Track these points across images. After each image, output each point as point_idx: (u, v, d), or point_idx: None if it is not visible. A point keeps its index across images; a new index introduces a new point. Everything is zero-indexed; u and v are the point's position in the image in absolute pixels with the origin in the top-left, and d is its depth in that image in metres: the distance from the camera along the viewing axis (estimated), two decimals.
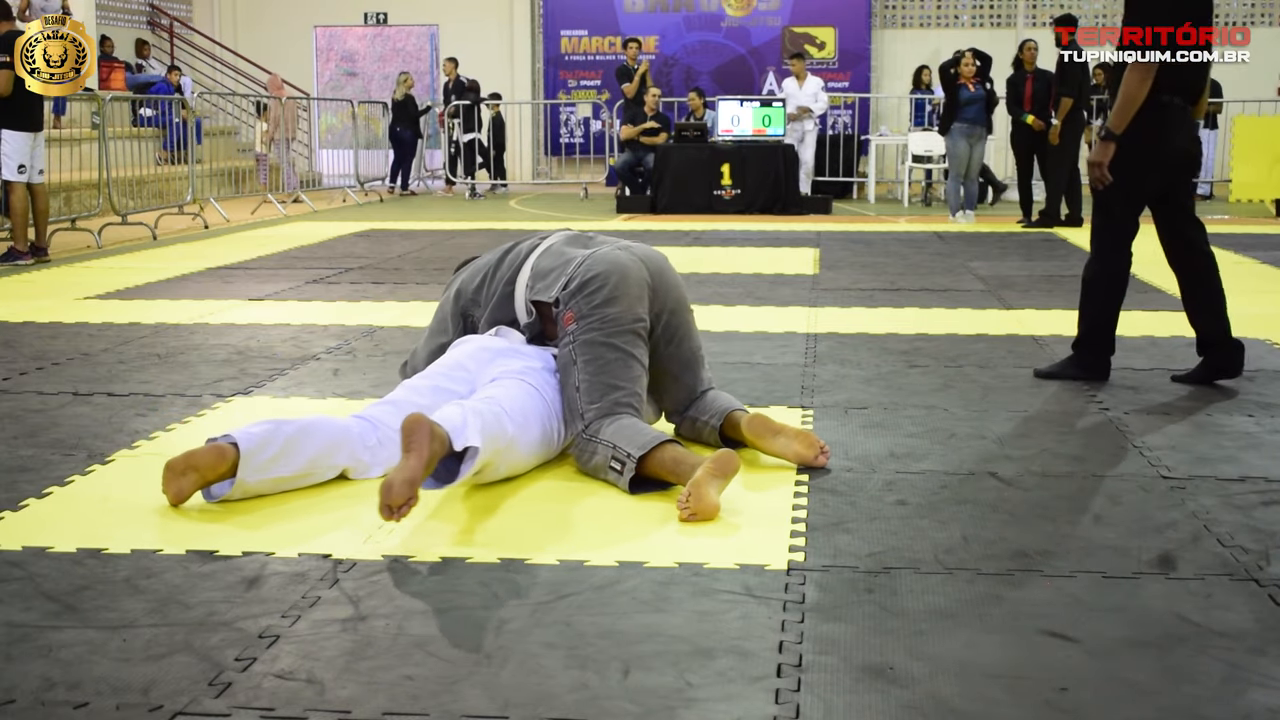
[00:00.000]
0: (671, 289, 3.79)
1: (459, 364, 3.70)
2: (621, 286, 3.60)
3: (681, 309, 3.83)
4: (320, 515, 3.20)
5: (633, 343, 3.60)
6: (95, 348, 5.48)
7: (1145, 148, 4.56)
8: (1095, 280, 4.76)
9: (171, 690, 2.21)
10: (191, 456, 3.23)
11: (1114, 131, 4.55)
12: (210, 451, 3.24)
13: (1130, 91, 4.50)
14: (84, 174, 11.57)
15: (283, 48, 18.67)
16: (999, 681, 2.26)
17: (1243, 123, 13.40)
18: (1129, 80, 4.50)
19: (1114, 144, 4.55)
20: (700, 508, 3.13)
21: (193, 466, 3.22)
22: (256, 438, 3.28)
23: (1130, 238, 4.72)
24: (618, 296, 3.59)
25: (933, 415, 4.26)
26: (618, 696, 2.19)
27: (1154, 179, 4.63)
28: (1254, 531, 3.08)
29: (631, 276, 3.65)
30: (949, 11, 18.17)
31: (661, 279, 3.76)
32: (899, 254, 9.28)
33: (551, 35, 18.37)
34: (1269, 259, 8.85)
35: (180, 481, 3.22)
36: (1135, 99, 4.50)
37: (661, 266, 3.80)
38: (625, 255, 3.72)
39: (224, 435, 3.30)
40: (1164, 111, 4.56)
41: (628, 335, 3.59)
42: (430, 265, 8.59)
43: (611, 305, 3.57)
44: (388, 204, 14.98)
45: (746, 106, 13.56)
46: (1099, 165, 4.57)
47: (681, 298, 3.84)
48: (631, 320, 3.60)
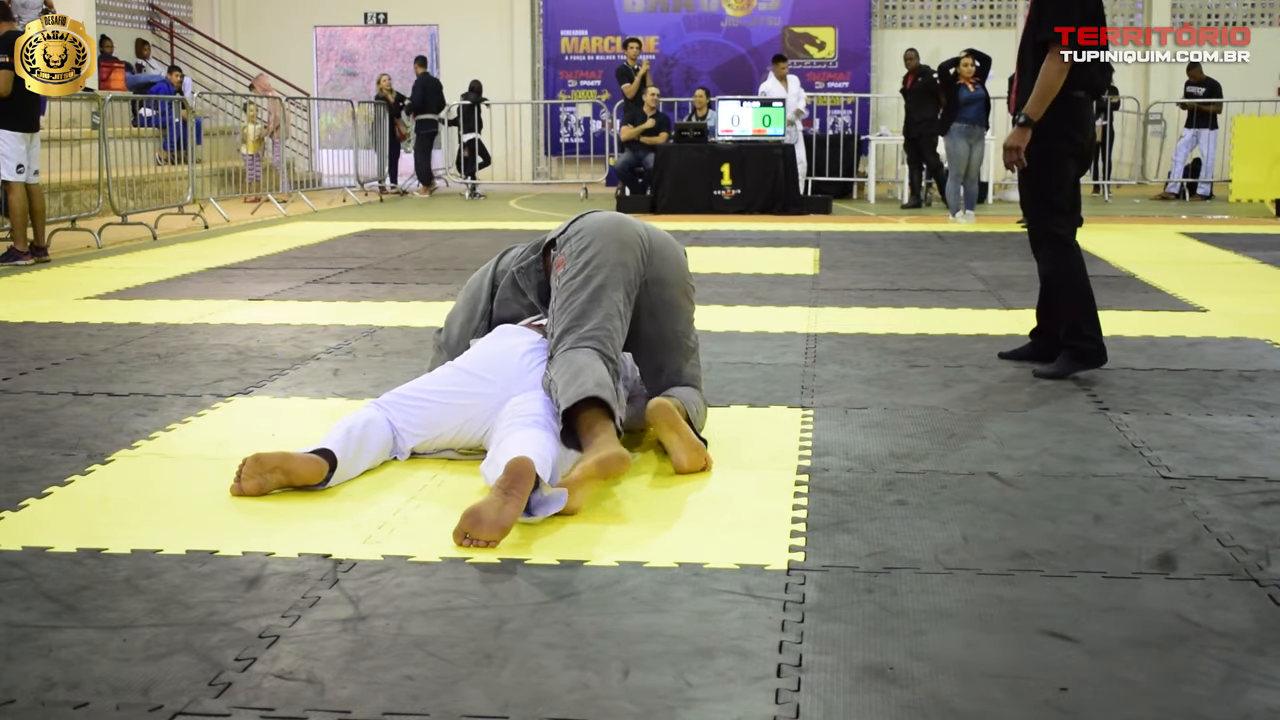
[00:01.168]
0: (668, 263, 3.80)
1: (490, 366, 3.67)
2: (609, 235, 3.71)
3: (673, 287, 3.81)
4: (320, 515, 3.20)
5: (612, 284, 3.63)
6: (95, 348, 5.48)
7: (1067, 137, 4.79)
8: (1072, 270, 4.85)
9: (171, 690, 2.21)
10: (289, 460, 3.33)
11: (1032, 119, 4.74)
12: (309, 463, 3.35)
13: (1050, 81, 4.70)
14: (84, 174, 11.57)
15: (283, 48, 18.67)
16: (999, 681, 2.26)
17: (1243, 123, 13.40)
18: (1049, 71, 4.70)
19: (1030, 130, 4.75)
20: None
21: (284, 470, 3.32)
22: (340, 444, 3.44)
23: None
24: (604, 245, 3.68)
25: (933, 415, 4.26)
26: (618, 696, 2.19)
27: (1073, 167, 4.86)
28: (1254, 531, 3.08)
29: (624, 231, 3.74)
30: (949, 11, 18.17)
31: (660, 249, 3.80)
32: (899, 254, 9.28)
33: (551, 35, 18.37)
34: (1269, 259, 8.85)
35: (266, 478, 3.32)
36: (1054, 89, 4.71)
37: (665, 241, 3.85)
38: (627, 218, 3.83)
39: (318, 449, 3.40)
40: (1077, 105, 4.79)
41: (606, 275, 3.63)
42: (430, 265, 8.59)
43: (595, 249, 3.68)
44: (388, 204, 14.98)
45: (746, 106, 13.55)
46: (1016, 150, 4.77)
47: (678, 277, 3.83)
48: (613, 264, 3.65)
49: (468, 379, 3.62)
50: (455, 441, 3.65)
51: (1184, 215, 12.90)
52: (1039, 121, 4.73)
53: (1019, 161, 4.77)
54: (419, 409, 3.61)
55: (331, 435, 3.49)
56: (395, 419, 3.62)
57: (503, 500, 2.95)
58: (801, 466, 3.64)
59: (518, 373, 3.61)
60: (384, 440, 3.59)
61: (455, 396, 3.60)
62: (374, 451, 3.54)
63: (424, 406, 3.62)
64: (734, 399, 4.52)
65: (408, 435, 3.62)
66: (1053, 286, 4.91)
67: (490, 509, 2.93)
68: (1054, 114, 4.72)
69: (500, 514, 2.93)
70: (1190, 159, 15.46)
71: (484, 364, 3.65)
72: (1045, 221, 4.85)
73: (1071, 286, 4.83)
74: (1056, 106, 4.72)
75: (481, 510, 2.93)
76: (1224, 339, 5.68)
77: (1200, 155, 15.36)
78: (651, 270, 3.76)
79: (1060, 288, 4.86)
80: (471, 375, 3.62)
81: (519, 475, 2.99)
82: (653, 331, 3.79)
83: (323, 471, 3.36)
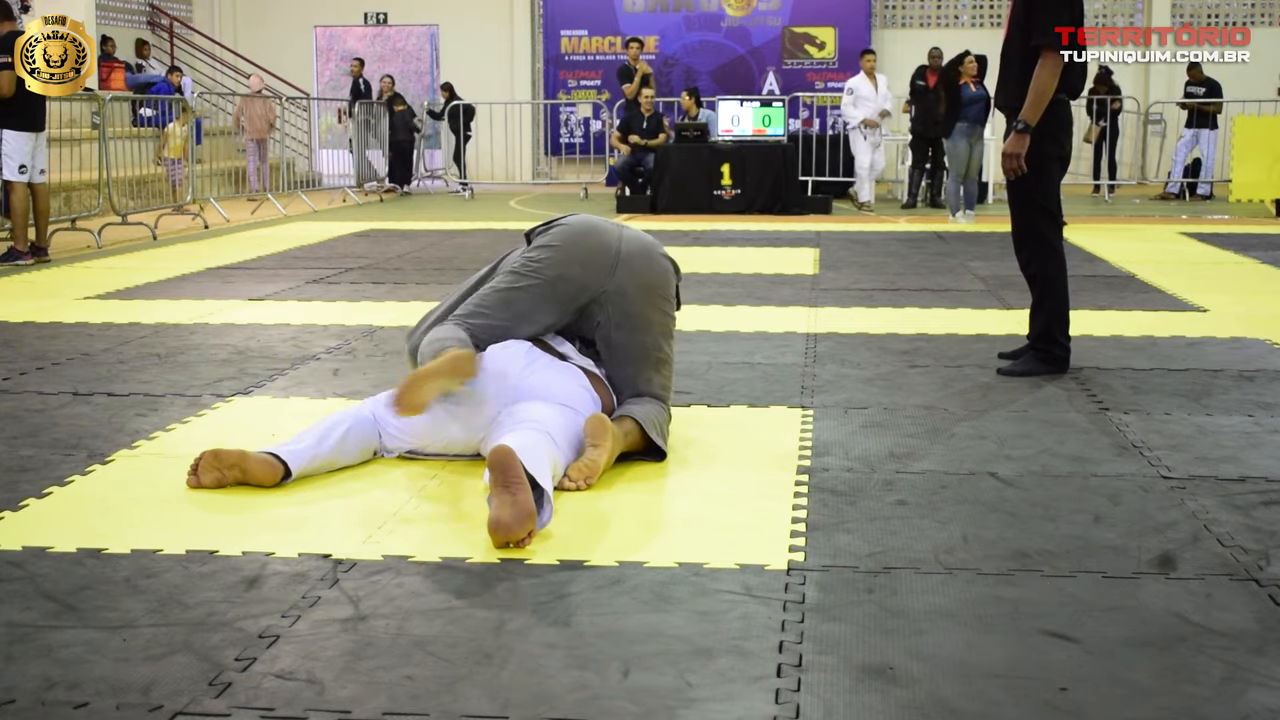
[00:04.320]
0: (635, 275, 3.78)
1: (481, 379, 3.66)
2: (570, 244, 3.77)
3: (637, 301, 3.79)
4: (320, 515, 3.20)
5: (522, 280, 3.75)
6: (95, 348, 5.48)
7: (1055, 141, 4.80)
8: (1058, 275, 4.87)
9: (171, 690, 2.21)
10: (245, 459, 3.38)
11: (1030, 124, 4.72)
12: (264, 464, 3.39)
13: (1045, 85, 4.69)
14: (84, 174, 11.57)
15: (283, 48, 18.68)
16: (999, 681, 2.26)
17: (1243, 123, 13.40)
18: (1044, 75, 4.68)
19: (1029, 136, 4.72)
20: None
21: (241, 468, 3.37)
22: (309, 447, 3.48)
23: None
24: (555, 256, 3.76)
25: (933, 415, 4.26)
26: (618, 696, 2.19)
27: (1058, 170, 4.88)
28: (1254, 531, 3.08)
29: (588, 242, 3.77)
30: (949, 11, 18.18)
31: (630, 261, 3.78)
32: (899, 254, 9.28)
33: (551, 35, 18.37)
34: (1269, 259, 8.85)
35: (224, 474, 3.38)
36: (1049, 92, 4.70)
37: (642, 252, 3.82)
38: (605, 224, 3.84)
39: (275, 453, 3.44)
40: (1061, 108, 4.80)
41: (531, 283, 3.74)
42: (430, 265, 8.59)
43: (544, 256, 3.77)
44: (388, 204, 14.98)
45: (746, 106, 13.55)
46: (1017, 157, 4.74)
47: (643, 291, 3.79)
48: (551, 278, 3.73)
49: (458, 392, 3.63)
50: (449, 448, 3.66)
51: (1184, 215, 12.89)
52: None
53: (1019, 168, 4.75)
54: (409, 420, 3.59)
55: (307, 433, 3.55)
56: (383, 423, 3.64)
57: (509, 495, 2.95)
58: (801, 466, 3.64)
59: (513, 380, 3.61)
60: (365, 439, 3.61)
61: (446, 405, 3.61)
62: (354, 451, 3.57)
63: (415, 419, 3.58)
64: (734, 399, 4.52)
65: (393, 438, 3.65)
66: (1037, 289, 4.93)
67: (505, 509, 2.92)
68: (1042, 119, 4.72)
69: (516, 506, 2.93)
70: (1190, 159, 15.46)
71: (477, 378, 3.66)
72: (1035, 225, 4.87)
73: (1053, 291, 4.88)
74: (1047, 110, 4.72)
75: (500, 516, 2.92)
76: (1224, 339, 5.68)
77: (1200, 155, 15.36)
78: (614, 282, 3.75)
79: (1043, 291, 4.89)
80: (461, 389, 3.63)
81: (504, 465, 2.99)
82: (621, 340, 3.80)
83: (277, 474, 3.39)
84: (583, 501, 3.31)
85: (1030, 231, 4.89)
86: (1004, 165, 4.79)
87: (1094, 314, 6.26)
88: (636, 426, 3.64)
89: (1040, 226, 4.86)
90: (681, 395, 4.49)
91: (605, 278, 3.76)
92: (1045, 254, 4.87)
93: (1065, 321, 4.91)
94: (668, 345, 3.88)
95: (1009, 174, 4.81)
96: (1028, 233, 4.90)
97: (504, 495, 2.95)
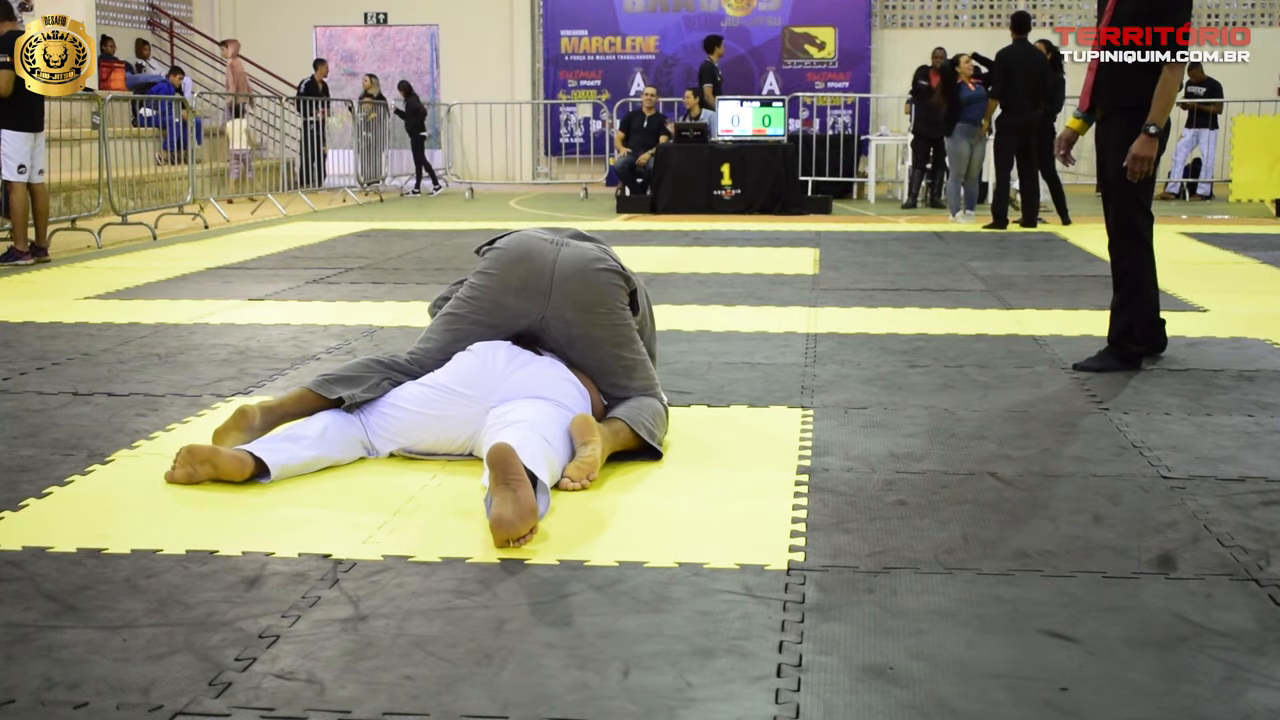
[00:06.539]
0: (569, 299, 3.73)
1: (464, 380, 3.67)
2: (502, 273, 3.80)
3: (576, 325, 3.75)
4: (320, 515, 3.20)
5: (463, 305, 3.83)
6: (95, 348, 5.48)
7: (1160, 141, 4.84)
8: (1149, 274, 4.95)
9: (171, 690, 2.21)
10: (216, 455, 3.40)
11: (1160, 127, 4.78)
12: (234, 460, 3.40)
13: (1173, 89, 4.80)
14: (84, 174, 11.57)
15: (283, 48, 18.66)
16: (999, 681, 2.26)
17: (1243, 123, 13.39)
18: (1171, 79, 4.78)
19: (1158, 140, 4.78)
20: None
21: (212, 464, 3.39)
22: (278, 451, 3.48)
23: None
24: (489, 285, 3.81)
25: (933, 415, 4.26)
26: (618, 696, 2.19)
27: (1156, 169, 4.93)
28: (1254, 531, 3.08)
29: (518, 270, 3.77)
30: (949, 11, 18.17)
31: (565, 284, 3.72)
32: (899, 254, 9.28)
33: (551, 35, 18.36)
34: (1269, 259, 8.85)
35: (196, 469, 3.40)
36: (1174, 95, 4.80)
37: (577, 272, 3.73)
38: (541, 246, 3.80)
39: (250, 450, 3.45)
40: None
41: (464, 298, 3.84)
42: (430, 265, 8.59)
43: (481, 274, 3.83)
44: (388, 204, 14.98)
45: (746, 106, 13.55)
46: (1148, 160, 4.77)
47: (586, 309, 3.73)
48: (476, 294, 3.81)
49: (439, 394, 3.64)
50: (437, 447, 3.67)
51: (1184, 215, 12.89)
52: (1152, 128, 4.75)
53: (1148, 171, 4.78)
54: (388, 419, 3.65)
55: (287, 430, 3.58)
56: (368, 424, 3.67)
57: (510, 491, 2.95)
58: (801, 466, 3.64)
59: (496, 380, 3.62)
60: (347, 432, 3.62)
61: (428, 406, 3.63)
62: (338, 444, 3.58)
63: (395, 416, 3.64)
64: (734, 399, 4.52)
65: (379, 437, 3.67)
66: (1126, 285, 4.95)
67: (507, 506, 2.92)
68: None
69: (518, 503, 2.93)
70: (1190, 159, 15.46)
71: (458, 378, 3.66)
72: (1135, 223, 4.91)
73: (1142, 290, 4.93)
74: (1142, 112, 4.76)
75: (502, 513, 2.92)
76: (1224, 339, 5.68)
77: (1200, 155, 15.36)
78: (551, 309, 3.75)
79: (1132, 289, 4.93)
80: (444, 389, 3.64)
81: (504, 462, 3.00)
82: (578, 358, 3.80)
83: (247, 470, 3.40)
84: (582, 501, 3.31)
85: (1128, 228, 4.92)
86: (1133, 167, 4.77)
87: (1094, 314, 6.26)
88: (625, 426, 3.65)
89: (1140, 225, 4.91)
90: (682, 395, 4.49)
91: (541, 304, 3.75)
92: (1140, 252, 4.92)
93: (1147, 321, 4.98)
94: (629, 351, 3.82)
95: (1135, 176, 4.80)
96: (1125, 230, 4.93)
97: (505, 492, 2.95)
